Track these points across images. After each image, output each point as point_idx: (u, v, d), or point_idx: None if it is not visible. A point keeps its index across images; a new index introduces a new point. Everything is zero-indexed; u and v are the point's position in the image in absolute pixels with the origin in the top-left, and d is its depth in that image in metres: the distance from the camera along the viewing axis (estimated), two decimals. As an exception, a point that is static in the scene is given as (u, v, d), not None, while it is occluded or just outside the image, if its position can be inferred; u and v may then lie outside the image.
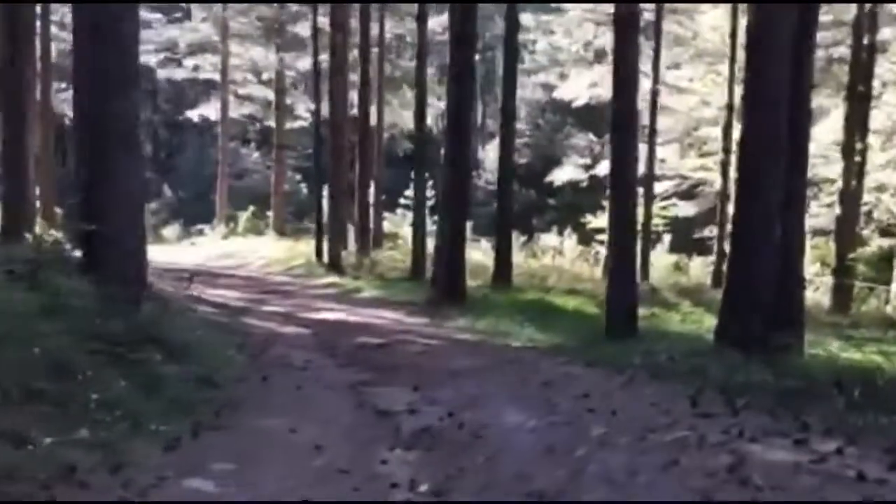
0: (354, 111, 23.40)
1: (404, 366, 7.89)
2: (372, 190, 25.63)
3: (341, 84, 23.51)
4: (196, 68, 31.95)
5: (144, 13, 31.82)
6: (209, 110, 32.71)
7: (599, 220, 20.96)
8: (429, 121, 22.21)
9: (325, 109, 21.54)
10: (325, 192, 24.47)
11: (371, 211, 24.94)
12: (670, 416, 5.41)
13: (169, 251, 28.72)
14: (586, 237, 25.84)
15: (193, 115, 33.53)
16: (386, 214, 27.81)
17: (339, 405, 6.14)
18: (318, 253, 19.63)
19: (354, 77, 23.43)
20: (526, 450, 4.79)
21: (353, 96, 23.71)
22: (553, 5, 26.94)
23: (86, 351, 5.46)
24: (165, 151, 45.59)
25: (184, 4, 32.26)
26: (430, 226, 17.73)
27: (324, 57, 24.43)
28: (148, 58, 32.51)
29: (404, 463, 4.54)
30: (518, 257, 23.36)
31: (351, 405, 6.17)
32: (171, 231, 31.89)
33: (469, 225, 30.11)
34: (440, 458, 4.62)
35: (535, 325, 10.80)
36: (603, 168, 22.53)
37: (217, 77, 31.52)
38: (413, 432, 5.16)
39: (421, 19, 18.15)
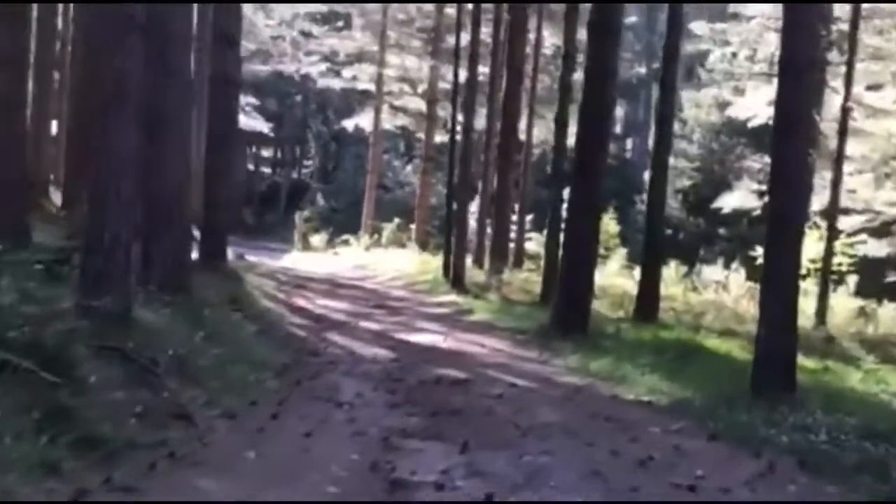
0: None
1: (471, 412, 6.18)
2: (517, 207, 24.20)
3: (493, 96, 22.34)
4: (354, 78, 31.68)
5: (306, 23, 32.16)
6: (364, 121, 32.36)
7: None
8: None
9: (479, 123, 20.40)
10: (475, 208, 23.43)
11: (513, 229, 23.46)
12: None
13: (312, 259, 28.57)
14: (756, 272, 22.90)
15: (349, 125, 33.33)
16: (533, 235, 26.09)
17: (344, 466, 4.53)
18: (446, 269, 18.19)
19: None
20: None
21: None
22: (731, 10, 24.23)
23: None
24: (332, 163, 46.21)
25: (341, 10, 32.13)
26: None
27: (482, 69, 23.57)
28: (310, 68, 33.00)
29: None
30: (674, 290, 21.04)
31: (362, 467, 4.54)
32: (318, 239, 31.73)
33: (624, 252, 28.14)
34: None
35: (663, 370, 8.69)
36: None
37: (372, 87, 31.07)
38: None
39: (568, 22, 16.34)
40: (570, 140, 14.56)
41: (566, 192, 14.08)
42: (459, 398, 6.73)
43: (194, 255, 12.31)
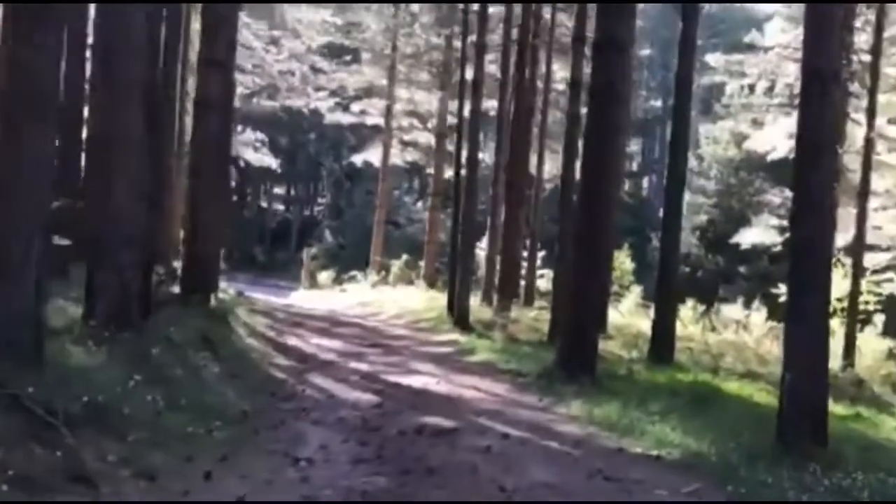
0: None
1: (450, 470, 5.32)
2: (528, 242, 23.42)
3: (503, 130, 21.70)
4: (362, 113, 31.20)
5: (315, 57, 31.81)
6: (373, 156, 31.82)
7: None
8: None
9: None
10: (485, 243, 22.67)
11: (524, 265, 22.63)
12: None
13: (317, 296, 27.83)
14: (778, 311, 21.90)
15: (358, 160, 32.80)
16: (546, 271, 25.24)
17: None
18: (451, 307, 17.34)
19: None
20: None
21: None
22: (747, 41, 23.54)
23: None
24: (345, 200, 45.62)
25: (349, 44, 31.77)
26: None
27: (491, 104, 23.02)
28: (319, 103, 32.58)
29: None
30: (692, 329, 20.10)
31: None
32: (325, 276, 31.02)
33: (639, 290, 27.18)
34: None
35: (677, 418, 7.77)
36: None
37: (381, 122, 30.56)
38: None
39: (575, 47, 15.65)
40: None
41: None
42: (440, 452, 5.87)
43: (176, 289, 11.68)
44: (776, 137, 23.51)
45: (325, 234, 33.46)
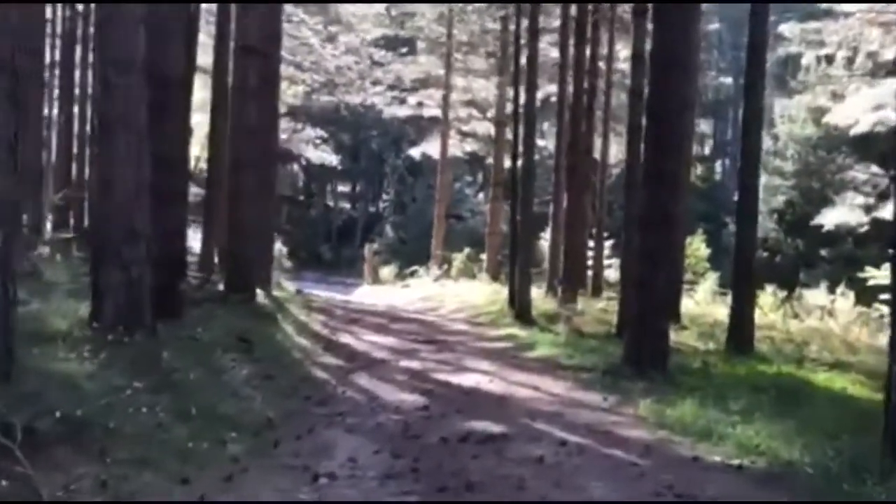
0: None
1: (493, 487, 4.57)
2: (594, 231, 22.43)
3: (563, 114, 20.78)
4: (420, 105, 30.58)
5: (371, 50, 31.29)
6: (432, 148, 31.16)
7: (885, 275, 15.86)
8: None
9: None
10: (549, 235, 21.81)
11: (590, 254, 21.66)
12: None
13: (379, 292, 27.38)
14: (867, 296, 20.38)
15: (416, 153, 32.20)
16: (615, 261, 24.21)
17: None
18: (512, 300, 16.52)
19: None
20: None
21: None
22: (824, 7, 21.93)
23: None
24: (410, 195, 45.09)
25: (405, 34, 31.12)
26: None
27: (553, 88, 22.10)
28: (375, 97, 32.08)
29: None
30: (772, 317, 18.86)
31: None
32: (388, 272, 30.60)
33: (715, 276, 25.83)
34: None
35: (762, 418, 6.82)
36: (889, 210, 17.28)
37: (438, 113, 29.85)
38: None
39: (637, 19, 14.59)
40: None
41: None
42: (484, 464, 5.11)
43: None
44: (859, 110, 21.93)
45: (387, 230, 32.93)
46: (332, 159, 35.16)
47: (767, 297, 20.84)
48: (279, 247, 31.63)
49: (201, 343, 7.00)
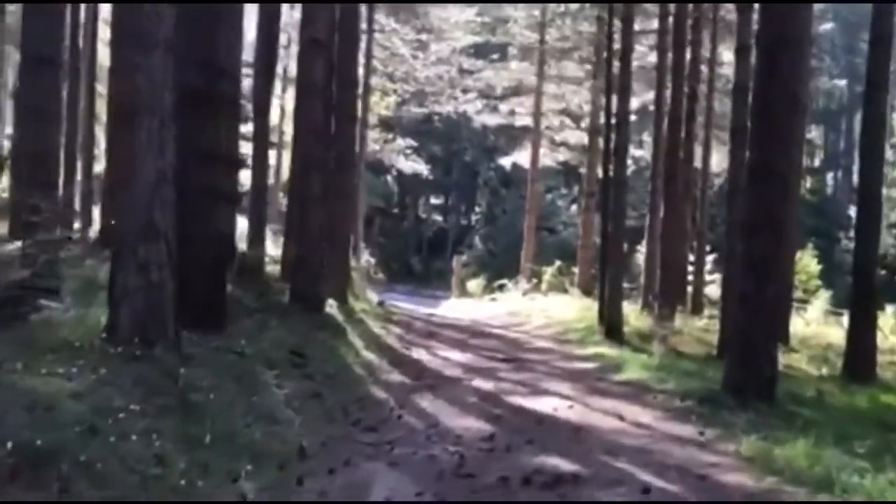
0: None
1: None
2: (695, 244, 21.05)
3: (660, 121, 19.58)
4: (512, 113, 29.73)
5: (462, 58, 30.67)
6: (523, 158, 30.24)
7: None
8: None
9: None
10: (644, 248, 20.60)
11: (690, 269, 20.30)
12: None
13: (465, 306, 26.55)
14: None
15: (507, 162, 31.34)
16: (716, 276, 22.69)
17: None
18: (602, 316, 15.40)
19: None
20: None
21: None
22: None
23: None
24: (500, 206, 44.22)
25: (496, 41, 30.33)
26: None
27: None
28: (466, 106, 31.43)
29: None
30: (894, 340, 17.15)
31: None
32: (475, 285, 29.78)
33: (827, 295, 23.87)
34: None
35: (894, 463, 5.63)
36: None
37: (530, 122, 28.91)
38: None
39: (741, 9, 13.35)
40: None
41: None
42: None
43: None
44: None
45: (476, 242, 32.12)
46: (422, 169, 34.68)
47: (888, 319, 19.03)
48: (367, 258, 31.40)
49: (242, 358, 6.32)
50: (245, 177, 14.11)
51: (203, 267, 6.79)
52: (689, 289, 20.26)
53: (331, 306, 12.41)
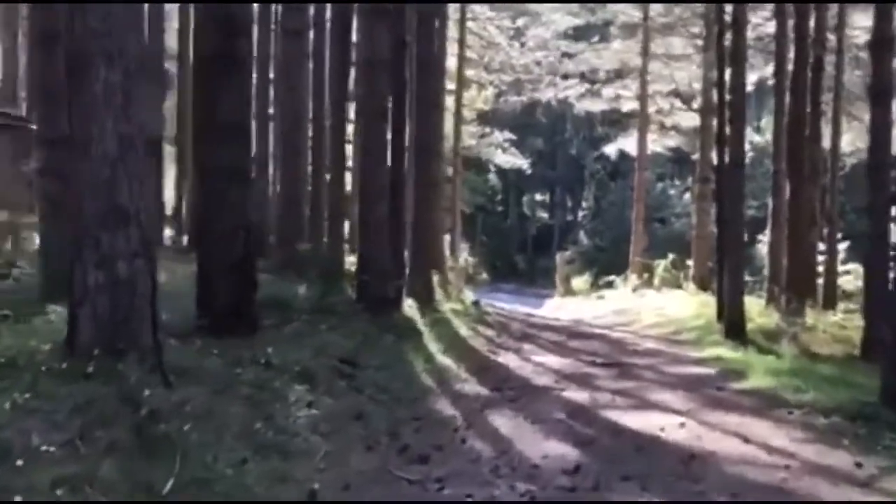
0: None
1: None
2: (825, 232, 18.79)
3: (781, 97, 17.50)
4: (616, 97, 27.87)
5: (562, 42, 29.04)
6: (629, 145, 28.34)
7: None
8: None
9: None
10: (767, 236, 18.58)
11: (820, 259, 18.08)
12: None
13: (570, 304, 24.95)
14: None
15: (611, 150, 29.48)
16: (852, 266, 20.38)
17: None
18: (720, 313, 13.57)
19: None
20: None
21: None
22: None
23: None
24: (606, 198, 42.12)
25: (595, 21, 28.48)
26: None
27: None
28: (567, 92, 29.75)
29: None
30: None
31: None
32: (581, 282, 28.12)
33: None
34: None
35: None
36: None
37: (636, 105, 26.97)
38: None
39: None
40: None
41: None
42: None
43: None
44: None
45: (581, 236, 30.41)
46: (522, 163, 33.23)
47: None
48: (466, 256, 30.20)
49: (266, 369, 5.17)
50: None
51: (224, 261, 5.69)
52: (820, 281, 18.05)
53: (410, 306, 11.24)
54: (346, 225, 14.23)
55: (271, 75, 16.42)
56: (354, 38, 11.67)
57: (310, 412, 4.91)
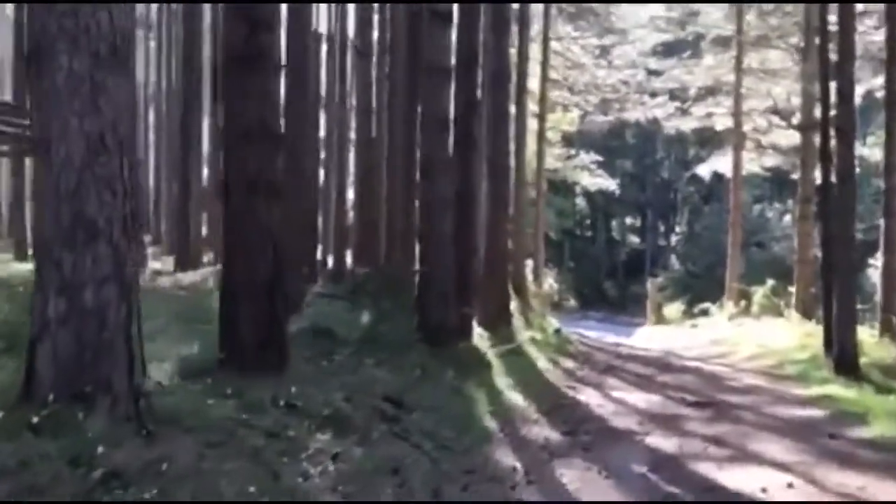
0: None
1: None
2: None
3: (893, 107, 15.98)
4: (708, 115, 26.46)
5: (649, 59, 27.91)
6: (723, 165, 26.83)
7: None
8: None
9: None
10: (879, 259, 16.96)
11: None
12: None
13: (661, 333, 23.54)
14: None
15: (704, 170, 28.00)
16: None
17: None
18: (828, 344, 12.17)
19: None
20: None
21: None
22: None
23: None
24: (700, 222, 40.26)
25: (686, 36, 27.18)
26: None
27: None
28: (656, 110, 28.52)
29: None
30: None
31: None
32: (674, 310, 26.65)
33: None
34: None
35: None
36: None
37: (730, 123, 25.49)
38: None
39: None
40: None
41: None
42: None
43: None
44: None
45: (672, 261, 28.94)
46: (610, 185, 32.04)
47: None
48: (551, 282, 29.13)
49: (288, 412, 4.42)
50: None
51: (248, 285, 5.01)
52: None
53: (480, 336, 10.42)
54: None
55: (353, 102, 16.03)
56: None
57: (333, 466, 4.13)
